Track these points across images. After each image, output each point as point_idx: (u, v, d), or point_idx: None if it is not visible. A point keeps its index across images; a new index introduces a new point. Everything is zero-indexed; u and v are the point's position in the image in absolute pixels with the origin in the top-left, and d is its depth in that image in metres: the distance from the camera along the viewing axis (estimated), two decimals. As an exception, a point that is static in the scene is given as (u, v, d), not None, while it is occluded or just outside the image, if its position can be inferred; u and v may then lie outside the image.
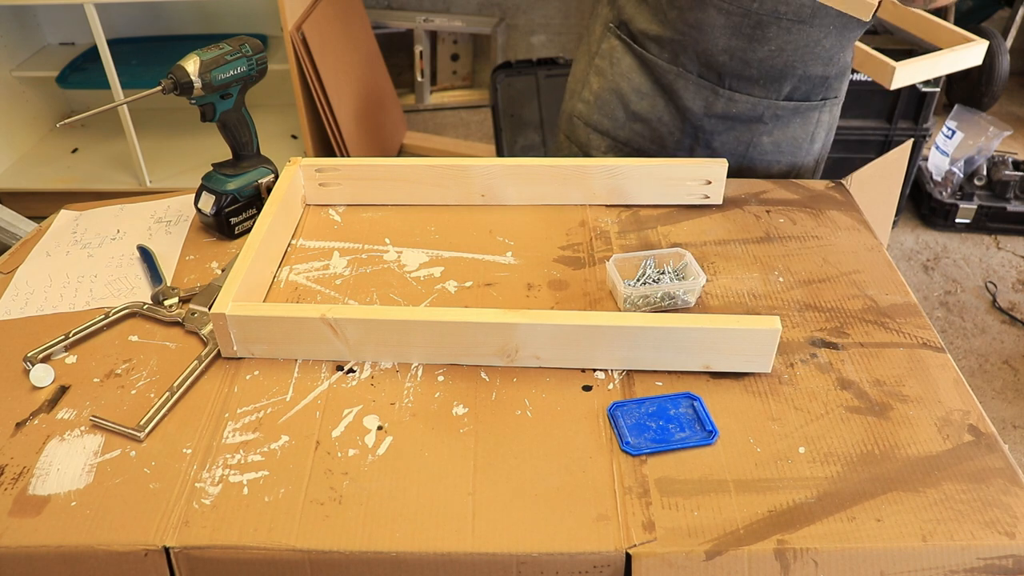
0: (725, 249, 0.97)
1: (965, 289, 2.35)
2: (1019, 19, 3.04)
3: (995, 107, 3.07)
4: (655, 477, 0.69)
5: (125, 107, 2.41)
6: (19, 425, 0.76)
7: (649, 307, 0.87)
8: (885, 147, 2.46)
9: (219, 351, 0.83)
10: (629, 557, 0.63)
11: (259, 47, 0.97)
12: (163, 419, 0.75)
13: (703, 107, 1.13)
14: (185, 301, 0.90)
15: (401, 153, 3.00)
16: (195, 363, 0.81)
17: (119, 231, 1.05)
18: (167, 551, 0.65)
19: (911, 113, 2.44)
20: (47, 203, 2.06)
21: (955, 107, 2.54)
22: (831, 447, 0.72)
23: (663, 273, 0.89)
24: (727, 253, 0.97)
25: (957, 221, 2.56)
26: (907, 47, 2.21)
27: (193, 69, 0.91)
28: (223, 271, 0.96)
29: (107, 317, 0.88)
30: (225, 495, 0.68)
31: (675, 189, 1.04)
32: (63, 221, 1.08)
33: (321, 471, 0.70)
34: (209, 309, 0.82)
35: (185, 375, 0.79)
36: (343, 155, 2.54)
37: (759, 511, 0.66)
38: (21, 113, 2.79)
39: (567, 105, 1.27)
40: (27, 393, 0.79)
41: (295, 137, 2.77)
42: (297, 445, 0.73)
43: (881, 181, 1.11)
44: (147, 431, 0.74)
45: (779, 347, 0.80)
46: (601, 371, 0.80)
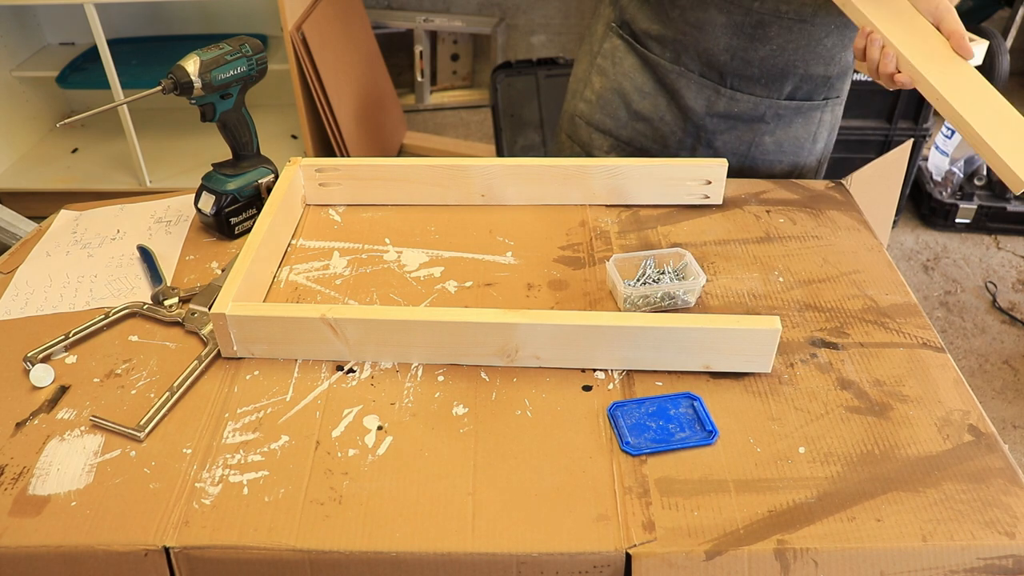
0: (725, 249, 0.97)
1: (965, 289, 2.35)
2: (1019, 19, 3.03)
3: (995, 107, 3.06)
4: (655, 477, 0.69)
5: (125, 107, 2.41)
6: (19, 425, 0.76)
7: (649, 307, 0.87)
8: (885, 147, 2.46)
9: (219, 351, 0.83)
10: (629, 557, 0.63)
11: (259, 47, 0.97)
12: (163, 419, 0.75)
13: (705, 106, 1.13)
14: (185, 301, 0.90)
15: (401, 153, 3.00)
16: (195, 363, 0.81)
17: (119, 231, 1.05)
18: (167, 551, 0.65)
19: (911, 113, 2.44)
20: (47, 203, 2.06)
21: (955, 107, 2.54)
22: (831, 447, 0.72)
23: (663, 273, 0.89)
24: (727, 253, 0.97)
25: (957, 221, 2.56)
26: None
27: (193, 69, 0.91)
28: (223, 271, 0.96)
29: (107, 317, 0.88)
30: (225, 495, 0.68)
31: (675, 189, 1.04)
32: (63, 221, 1.08)
33: (321, 471, 0.70)
34: (209, 309, 0.82)
35: (185, 375, 0.79)
36: (343, 155, 2.54)
37: (759, 511, 0.66)
38: (21, 113, 2.79)
39: (569, 105, 1.27)
40: (27, 393, 0.79)
41: (295, 137, 2.77)
42: (297, 445, 0.73)
43: (881, 181, 1.11)
44: (147, 431, 0.74)
45: (779, 347, 0.80)
46: (601, 371, 0.80)
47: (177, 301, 0.89)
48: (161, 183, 2.58)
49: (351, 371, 0.81)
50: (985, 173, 2.56)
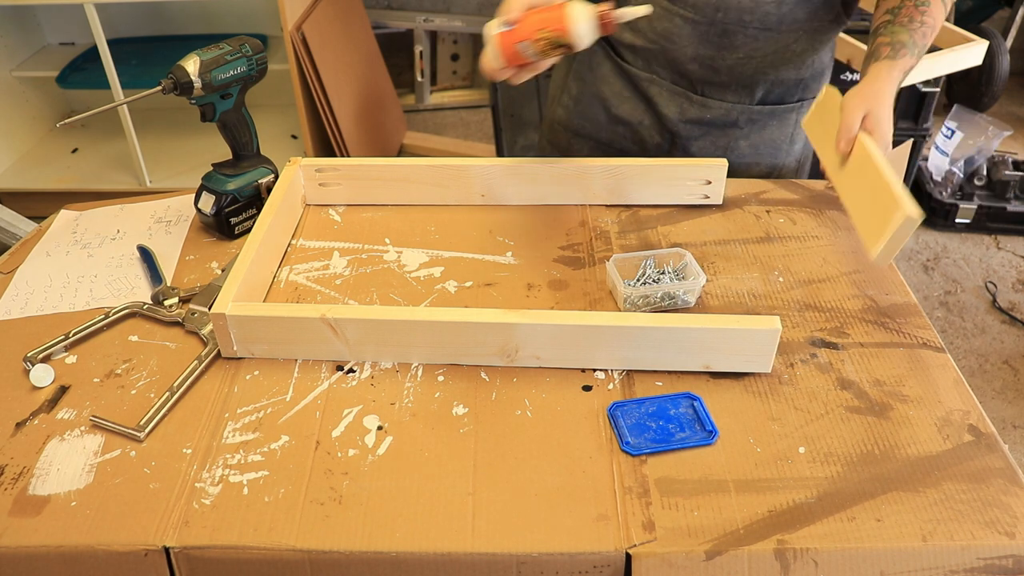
0: (725, 249, 0.97)
1: (965, 289, 2.35)
2: (1019, 19, 3.04)
3: (995, 107, 3.07)
4: (655, 477, 0.69)
5: (125, 107, 2.41)
6: (19, 425, 0.76)
7: (649, 307, 0.87)
8: (885, 147, 2.45)
9: (219, 351, 0.83)
10: (629, 557, 0.63)
11: (259, 47, 0.97)
12: (163, 419, 0.75)
13: (678, 112, 1.13)
14: (185, 301, 0.90)
15: (401, 153, 3.00)
16: (195, 363, 0.81)
17: (119, 231, 1.05)
18: (167, 551, 0.65)
19: (911, 113, 2.44)
20: (47, 203, 2.06)
21: (955, 107, 2.54)
22: (831, 447, 0.72)
23: (663, 273, 0.89)
24: (727, 253, 0.97)
25: (957, 221, 2.56)
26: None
27: (193, 69, 0.91)
28: (223, 271, 0.96)
29: (107, 317, 0.88)
30: (225, 495, 0.68)
31: (675, 189, 1.04)
32: (63, 221, 1.08)
33: (321, 471, 0.70)
34: (209, 309, 0.82)
35: (185, 375, 0.79)
36: (343, 155, 2.54)
37: (759, 511, 0.66)
38: (21, 113, 2.79)
39: (548, 111, 1.28)
40: (27, 393, 0.79)
41: (295, 137, 2.77)
42: (297, 445, 0.73)
43: (881, 181, 1.10)
44: (147, 431, 0.74)
45: (779, 347, 0.80)
46: (601, 371, 0.80)
47: (177, 301, 0.89)
48: (161, 183, 2.58)
49: (351, 371, 0.81)
50: (985, 173, 2.56)
